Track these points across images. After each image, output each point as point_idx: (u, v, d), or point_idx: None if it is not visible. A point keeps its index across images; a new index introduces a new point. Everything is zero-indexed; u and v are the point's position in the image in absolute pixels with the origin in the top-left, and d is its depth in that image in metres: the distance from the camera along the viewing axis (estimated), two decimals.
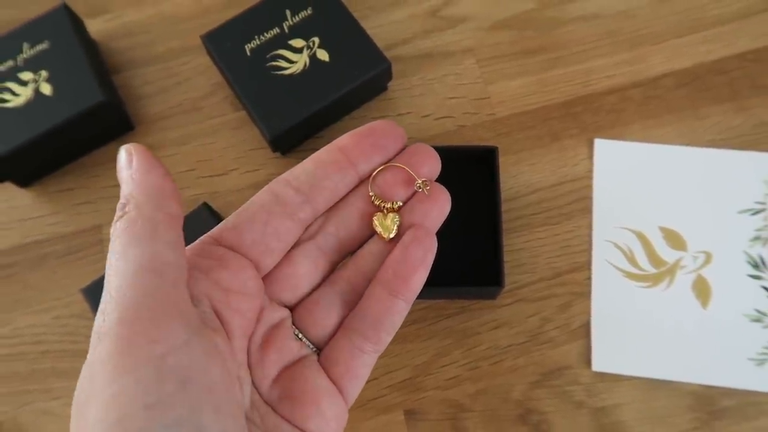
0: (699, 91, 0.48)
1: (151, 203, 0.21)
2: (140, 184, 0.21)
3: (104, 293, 0.20)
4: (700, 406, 0.40)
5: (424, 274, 0.23)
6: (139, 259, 0.19)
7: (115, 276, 0.19)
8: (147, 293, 0.19)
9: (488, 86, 0.49)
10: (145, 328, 0.18)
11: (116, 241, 0.20)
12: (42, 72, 0.46)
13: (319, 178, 0.23)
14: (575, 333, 0.42)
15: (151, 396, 0.17)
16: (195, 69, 0.51)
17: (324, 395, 0.23)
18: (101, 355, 0.18)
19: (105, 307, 0.19)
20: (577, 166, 0.46)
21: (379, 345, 0.23)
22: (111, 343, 0.18)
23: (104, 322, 0.19)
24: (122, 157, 0.22)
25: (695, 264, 0.43)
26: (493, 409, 0.41)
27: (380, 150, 0.24)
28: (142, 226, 0.20)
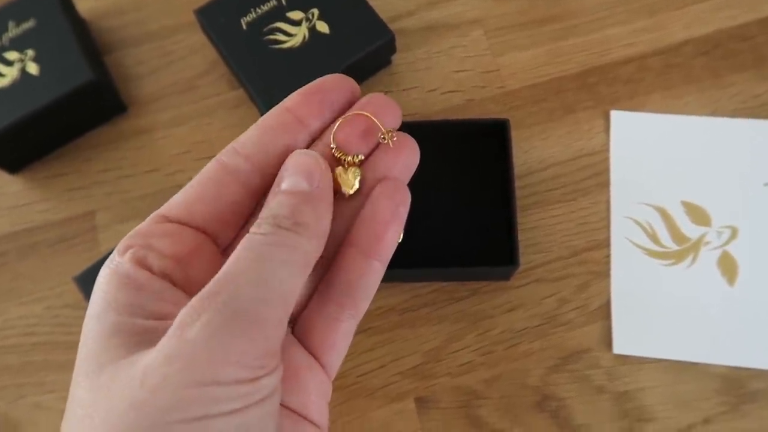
0: (721, 58, 0.45)
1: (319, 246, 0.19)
2: (319, 216, 0.20)
3: (225, 290, 0.17)
4: (729, 389, 0.38)
5: (397, 230, 0.21)
6: (281, 287, 0.18)
7: (244, 287, 0.18)
8: (271, 322, 0.18)
9: (497, 58, 0.47)
10: (259, 355, 0.18)
11: (262, 252, 0.18)
12: (28, 51, 0.44)
13: (267, 142, 0.21)
14: (594, 314, 0.40)
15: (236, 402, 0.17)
16: (189, 47, 0.49)
17: (302, 368, 0.21)
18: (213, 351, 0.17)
19: (225, 309, 0.17)
20: (593, 140, 0.44)
21: (356, 311, 0.22)
22: (229, 348, 0.17)
23: (219, 325, 0.17)
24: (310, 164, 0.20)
25: (720, 240, 0.41)
26: (509, 396, 0.39)
27: (330, 106, 0.22)
28: (304, 262, 0.19)
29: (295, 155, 0.20)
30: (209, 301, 0.17)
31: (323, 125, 0.22)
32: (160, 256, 0.19)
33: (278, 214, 0.19)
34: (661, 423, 0.38)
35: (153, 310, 0.19)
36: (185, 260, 0.20)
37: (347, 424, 0.39)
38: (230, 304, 0.17)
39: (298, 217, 0.19)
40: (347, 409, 0.39)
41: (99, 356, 0.18)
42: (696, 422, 0.38)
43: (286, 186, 0.20)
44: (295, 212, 0.19)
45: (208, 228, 0.21)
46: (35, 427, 0.40)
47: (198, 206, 0.21)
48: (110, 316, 0.18)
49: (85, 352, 0.18)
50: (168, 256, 0.20)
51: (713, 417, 0.38)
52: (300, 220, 0.19)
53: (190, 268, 0.20)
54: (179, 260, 0.20)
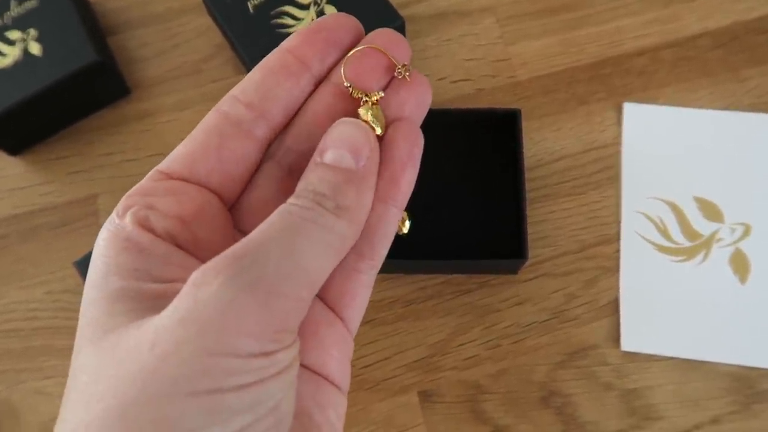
0: (738, 51, 0.44)
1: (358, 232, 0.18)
2: (362, 201, 0.18)
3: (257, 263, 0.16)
4: (738, 389, 0.38)
5: (413, 172, 0.20)
6: (314, 271, 0.17)
7: (280, 265, 0.16)
8: (297, 302, 0.17)
9: (508, 47, 0.46)
10: (278, 330, 0.17)
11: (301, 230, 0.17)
12: (30, 31, 0.43)
13: (269, 87, 0.20)
14: (603, 310, 0.39)
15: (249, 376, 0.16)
16: (195, 30, 0.48)
17: (321, 324, 0.19)
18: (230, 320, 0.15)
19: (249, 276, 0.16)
20: (605, 132, 0.43)
21: (375, 260, 0.20)
22: (247, 319, 0.16)
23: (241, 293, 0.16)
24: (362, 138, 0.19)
25: (733, 236, 0.40)
26: (515, 391, 0.38)
27: (335, 45, 0.20)
28: (339, 247, 0.18)
29: (343, 123, 0.19)
30: (231, 263, 0.16)
31: (328, 66, 0.21)
32: (163, 216, 0.18)
33: (319, 190, 0.17)
34: (669, 422, 0.37)
35: (159, 275, 0.17)
36: (190, 220, 0.18)
37: (348, 417, 0.39)
38: (253, 270, 0.16)
39: (340, 199, 0.18)
40: (350, 400, 0.38)
41: (103, 323, 0.17)
42: (704, 422, 0.37)
43: (330, 159, 0.18)
44: (338, 192, 0.18)
45: (212, 183, 0.19)
46: (35, 412, 0.40)
47: (200, 160, 0.19)
48: (113, 281, 0.17)
49: (87, 319, 0.17)
50: (172, 216, 0.18)
51: (722, 417, 0.37)
52: (342, 202, 0.18)
53: (196, 227, 0.19)
54: (184, 220, 0.18)
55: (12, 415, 0.39)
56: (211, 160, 0.19)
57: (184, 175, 0.19)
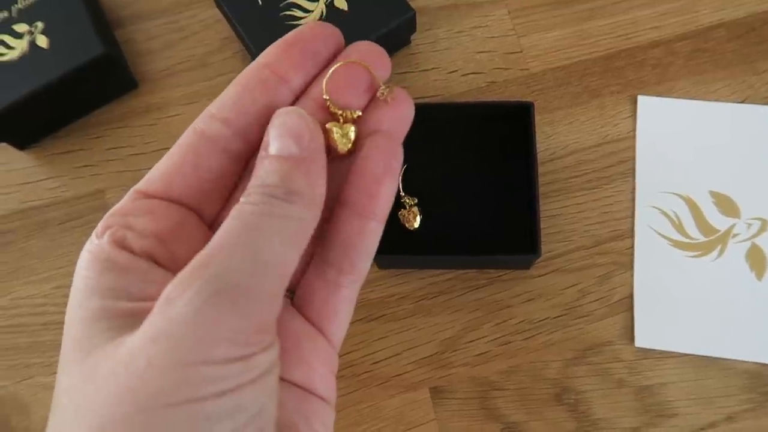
0: (755, 43, 0.43)
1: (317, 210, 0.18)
2: (313, 183, 0.18)
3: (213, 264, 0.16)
4: (755, 386, 0.37)
5: (392, 185, 0.19)
6: (275, 259, 0.17)
7: (231, 259, 0.16)
8: (264, 296, 0.17)
9: (521, 39, 0.45)
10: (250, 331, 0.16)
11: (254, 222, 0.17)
12: (38, 23, 0.42)
13: (246, 103, 0.19)
14: (616, 306, 0.39)
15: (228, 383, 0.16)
16: (203, 22, 0.47)
17: (304, 339, 0.20)
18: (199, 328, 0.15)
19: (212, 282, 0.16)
20: (619, 126, 0.42)
21: (357, 275, 0.20)
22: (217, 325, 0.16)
23: (206, 300, 0.16)
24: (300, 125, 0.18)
25: (749, 232, 0.40)
26: (527, 388, 0.38)
27: (312, 57, 0.20)
28: (300, 233, 0.17)
29: (280, 114, 0.18)
30: (196, 275, 0.16)
31: (306, 80, 0.20)
32: (140, 236, 0.18)
33: (268, 182, 0.17)
34: (683, 419, 0.37)
35: (139, 293, 0.17)
36: (168, 238, 0.19)
37: (359, 413, 0.38)
38: (219, 277, 0.16)
39: (290, 185, 0.17)
40: (359, 397, 0.39)
41: (84, 343, 0.17)
42: (719, 420, 0.37)
43: (274, 150, 0.18)
44: (286, 179, 0.17)
45: (190, 201, 0.19)
46: (43, 407, 0.39)
47: (176, 179, 0.19)
48: (94, 301, 0.17)
49: (70, 340, 0.17)
50: (149, 235, 0.18)
51: (737, 414, 0.37)
52: (292, 188, 0.17)
53: (174, 245, 0.19)
54: (161, 238, 0.18)
55: (21, 409, 0.39)
56: (188, 178, 0.19)
57: (162, 193, 0.19)
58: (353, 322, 0.39)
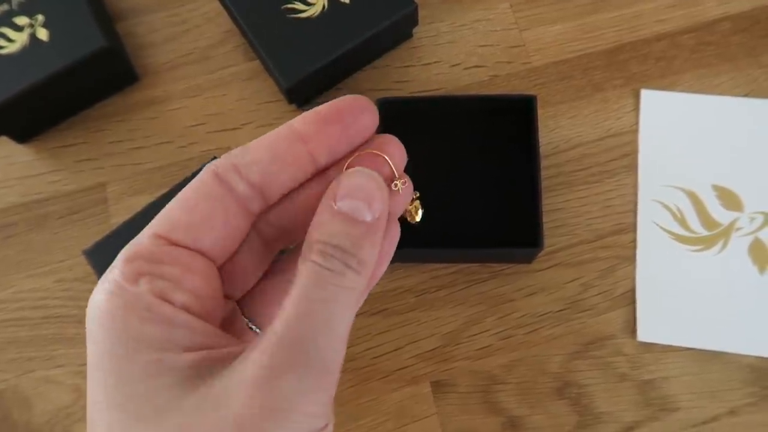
0: (759, 36, 0.43)
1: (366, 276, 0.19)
2: (375, 253, 0.19)
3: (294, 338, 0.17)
4: (757, 380, 0.37)
5: (387, 262, 0.21)
6: (342, 328, 0.18)
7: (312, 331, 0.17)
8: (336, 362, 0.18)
9: (523, 32, 0.45)
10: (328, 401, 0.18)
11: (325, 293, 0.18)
12: (38, 16, 0.42)
13: (274, 172, 0.19)
14: (619, 300, 0.39)
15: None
16: (204, 15, 0.47)
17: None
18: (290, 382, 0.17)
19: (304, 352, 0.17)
20: (622, 120, 0.42)
21: None
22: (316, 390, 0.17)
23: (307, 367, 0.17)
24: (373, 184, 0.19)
25: (752, 226, 0.40)
26: (528, 382, 0.38)
27: (346, 141, 0.20)
28: (358, 302, 0.19)
29: (358, 173, 0.18)
30: (297, 352, 0.17)
31: (333, 160, 0.20)
32: (179, 289, 0.18)
33: (342, 246, 0.18)
34: (686, 413, 0.37)
35: (187, 344, 0.18)
36: (202, 292, 0.19)
37: (360, 407, 0.38)
38: (316, 355, 0.17)
39: (360, 254, 0.18)
40: (360, 391, 0.38)
41: (149, 398, 0.17)
42: (721, 413, 0.37)
43: (347, 209, 0.18)
44: (357, 248, 0.18)
45: (214, 254, 0.19)
46: (45, 400, 0.39)
47: (205, 231, 0.19)
48: (146, 353, 0.17)
49: (123, 395, 0.17)
50: (186, 289, 0.18)
51: (739, 408, 0.37)
52: (362, 257, 0.18)
53: (206, 300, 0.19)
54: (197, 293, 0.18)
55: (22, 403, 0.39)
56: (217, 232, 0.19)
57: (188, 243, 0.19)
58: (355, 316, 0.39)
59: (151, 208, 0.38)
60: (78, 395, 0.39)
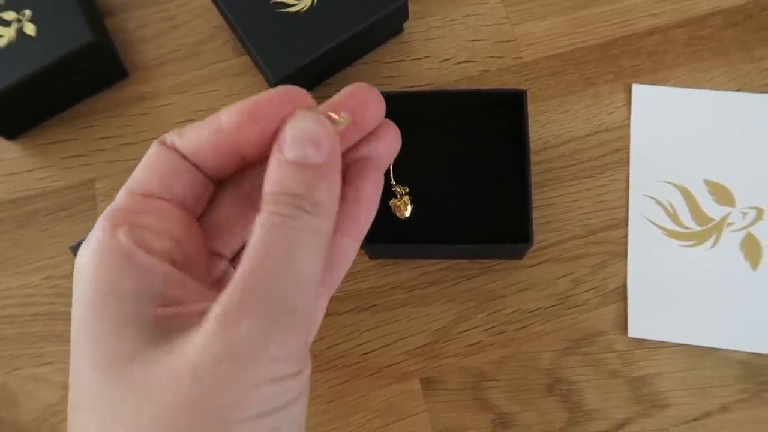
0: (752, 30, 0.43)
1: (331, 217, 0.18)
2: (334, 193, 0.18)
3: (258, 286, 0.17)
4: (749, 376, 0.37)
5: (373, 210, 0.21)
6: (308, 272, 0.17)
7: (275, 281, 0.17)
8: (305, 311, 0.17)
9: (514, 27, 0.44)
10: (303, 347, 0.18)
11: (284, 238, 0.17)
12: (25, 11, 0.42)
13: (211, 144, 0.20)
14: (610, 296, 0.39)
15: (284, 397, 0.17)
16: (194, 11, 0.47)
17: None
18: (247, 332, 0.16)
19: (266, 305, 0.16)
20: (614, 114, 0.42)
21: (331, 287, 0.21)
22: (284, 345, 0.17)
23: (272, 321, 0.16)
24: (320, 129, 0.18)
25: (744, 221, 0.39)
26: (519, 378, 0.38)
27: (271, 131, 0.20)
28: (325, 245, 0.18)
29: (300, 119, 0.18)
30: (253, 297, 0.16)
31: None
32: (157, 236, 0.18)
33: (295, 192, 0.17)
34: (677, 409, 0.36)
35: (162, 296, 0.17)
36: (182, 239, 0.19)
37: (349, 404, 0.38)
38: (275, 298, 0.16)
39: (315, 197, 0.17)
40: (349, 388, 0.38)
41: (113, 350, 0.17)
42: (713, 410, 0.36)
43: (294, 156, 0.17)
44: (312, 190, 0.17)
45: (188, 203, 0.20)
46: (33, 398, 0.39)
47: (172, 181, 0.19)
48: (116, 304, 0.17)
49: (92, 346, 0.17)
50: (165, 236, 0.18)
51: (731, 405, 0.36)
52: (318, 200, 0.17)
53: (187, 246, 0.19)
54: (177, 239, 0.19)
55: (10, 401, 0.39)
56: (182, 183, 0.19)
57: (161, 193, 0.19)
58: (343, 313, 0.39)
59: None
60: (66, 393, 0.39)
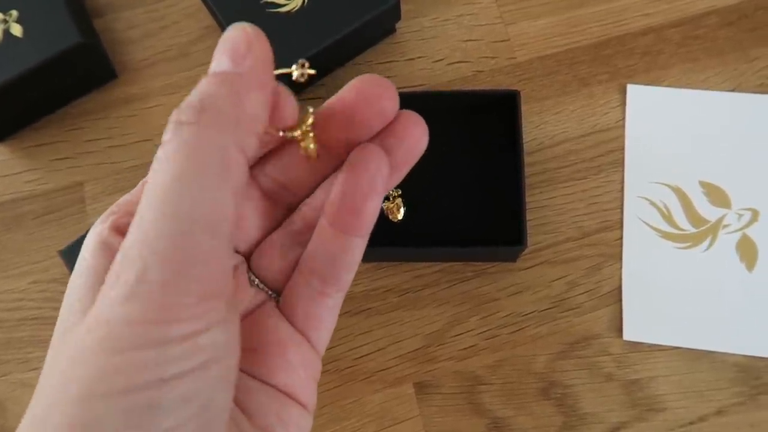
0: (747, 30, 0.42)
1: (233, 122, 0.15)
2: (238, 100, 0.15)
3: (137, 233, 0.15)
4: (745, 380, 0.36)
5: (377, 201, 0.18)
6: (195, 209, 0.15)
7: (155, 222, 0.15)
8: (198, 258, 0.15)
9: (508, 27, 0.44)
10: (189, 303, 0.15)
11: (165, 167, 0.15)
12: (12, 12, 0.41)
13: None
14: (605, 299, 0.38)
15: (167, 369, 0.14)
16: (183, 11, 0.46)
17: (289, 344, 0.19)
18: (129, 310, 0.14)
19: (140, 256, 0.15)
20: (608, 115, 0.42)
21: (341, 286, 0.20)
22: (147, 303, 0.14)
23: (136, 278, 0.14)
24: (235, 39, 0.16)
25: (740, 222, 0.39)
26: (513, 382, 0.37)
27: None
28: (220, 164, 0.15)
29: (228, 29, 0.16)
30: (125, 260, 0.15)
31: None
32: None
33: (182, 105, 0.15)
34: (673, 413, 0.36)
35: None
36: None
37: (342, 409, 0.37)
38: (145, 257, 0.14)
39: (204, 101, 0.15)
40: (342, 392, 0.38)
41: (64, 320, 0.17)
42: (709, 413, 0.36)
43: (211, 68, 0.16)
44: (203, 96, 0.15)
45: None
46: (21, 404, 0.39)
47: None
48: (82, 280, 0.17)
49: (59, 320, 0.17)
50: None
51: (727, 408, 0.36)
52: (207, 104, 0.15)
53: None
54: None
55: None
56: None
57: None
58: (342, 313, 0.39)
59: None
60: None
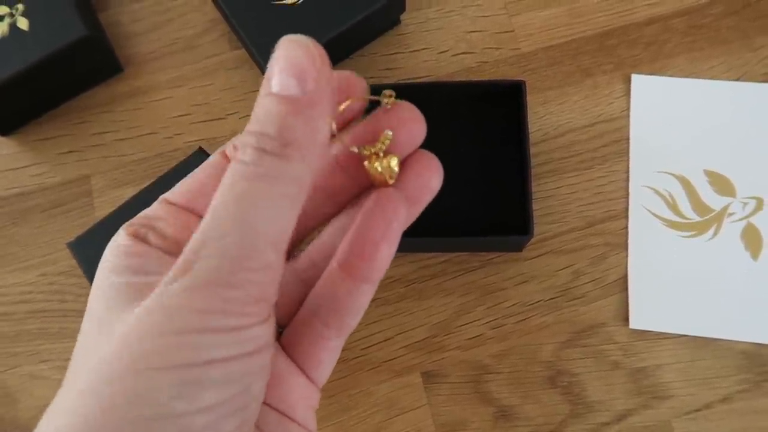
0: (752, 19, 0.42)
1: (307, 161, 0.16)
2: (313, 129, 0.16)
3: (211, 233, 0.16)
4: (751, 367, 0.37)
5: (390, 249, 0.18)
6: (268, 227, 0.16)
7: (229, 231, 0.16)
8: (260, 267, 0.16)
9: (512, 18, 0.44)
10: (246, 302, 0.16)
11: (243, 187, 0.16)
12: (18, 5, 0.41)
13: None
14: (610, 287, 0.38)
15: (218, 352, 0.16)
16: (189, 4, 0.46)
17: (287, 376, 0.20)
18: (194, 300, 0.15)
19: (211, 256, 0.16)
20: (612, 105, 0.42)
21: (343, 332, 0.20)
22: (211, 297, 0.16)
23: (206, 274, 0.16)
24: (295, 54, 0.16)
25: (745, 211, 0.39)
26: (520, 371, 0.38)
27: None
28: (295, 192, 0.16)
29: (284, 44, 0.16)
30: (193, 257, 0.16)
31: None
32: (160, 236, 0.19)
33: (264, 131, 0.16)
34: (679, 401, 0.36)
35: (154, 270, 0.18)
36: (185, 242, 0.19)
37: (350, 398, 0.38)
38: (215, 256, 0.15)
39: (286, 135, 0.16)
40: (350, 382, 0.38)
41: (99, 312, 0.17)
42: (715, 400, 0.36)
43: (275, 87, 0.16)
44: (283, 129, 0.16)
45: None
46: (31, 396, 0.39)
47: (199, 196, 0.19)
48: (112, 278, 0.18)
49: (88, 315, 0.18)
50: (168, 237, 0.19)
51: (733, 395, 0.36)
52: (289, 138, 0.16)
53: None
54: (179, 242, 0.19)
55: (7, 399, 0.39)
56: (209, 196, 0.18)
57: (183, 203, 0.20)
58: None
59: (135, 200, 0.38)
60: None
